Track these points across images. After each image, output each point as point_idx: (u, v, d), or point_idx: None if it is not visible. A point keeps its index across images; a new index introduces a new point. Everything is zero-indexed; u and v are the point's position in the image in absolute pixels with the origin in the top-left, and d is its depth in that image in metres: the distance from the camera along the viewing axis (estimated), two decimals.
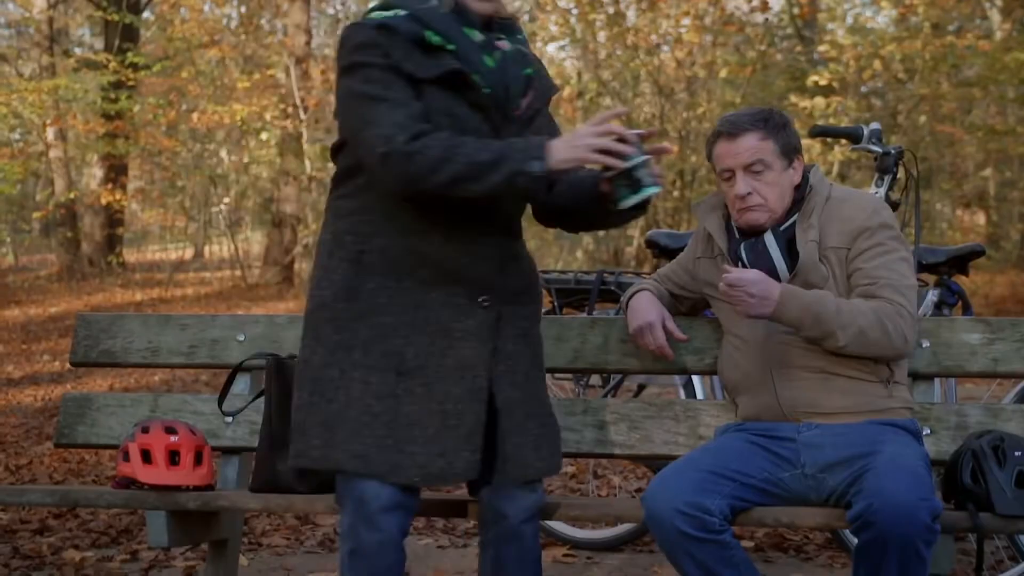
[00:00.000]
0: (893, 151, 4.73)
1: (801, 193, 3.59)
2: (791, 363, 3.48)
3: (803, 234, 3.53)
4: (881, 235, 3.51)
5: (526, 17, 20.61)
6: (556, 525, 5.18)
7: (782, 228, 3.56)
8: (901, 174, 4.80)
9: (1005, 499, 3.26)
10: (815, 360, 3.46)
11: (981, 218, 22.22)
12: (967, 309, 4.68)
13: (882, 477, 3.15)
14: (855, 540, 4.31)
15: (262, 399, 3.88)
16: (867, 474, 3.21)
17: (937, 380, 4.25)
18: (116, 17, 20.16)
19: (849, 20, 21.71)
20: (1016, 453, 3.32)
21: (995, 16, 20.29)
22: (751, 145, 3.51)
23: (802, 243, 3.52)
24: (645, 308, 3.76)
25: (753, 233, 3.57)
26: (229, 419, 4.04)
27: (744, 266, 3.54)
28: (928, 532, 3.08)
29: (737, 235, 3.62)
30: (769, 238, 3.55)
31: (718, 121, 3.62)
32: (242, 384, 4.13)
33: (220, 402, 4.00)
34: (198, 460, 3.75)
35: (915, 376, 3.80)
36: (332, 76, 21.31)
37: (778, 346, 3.49)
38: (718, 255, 3.64)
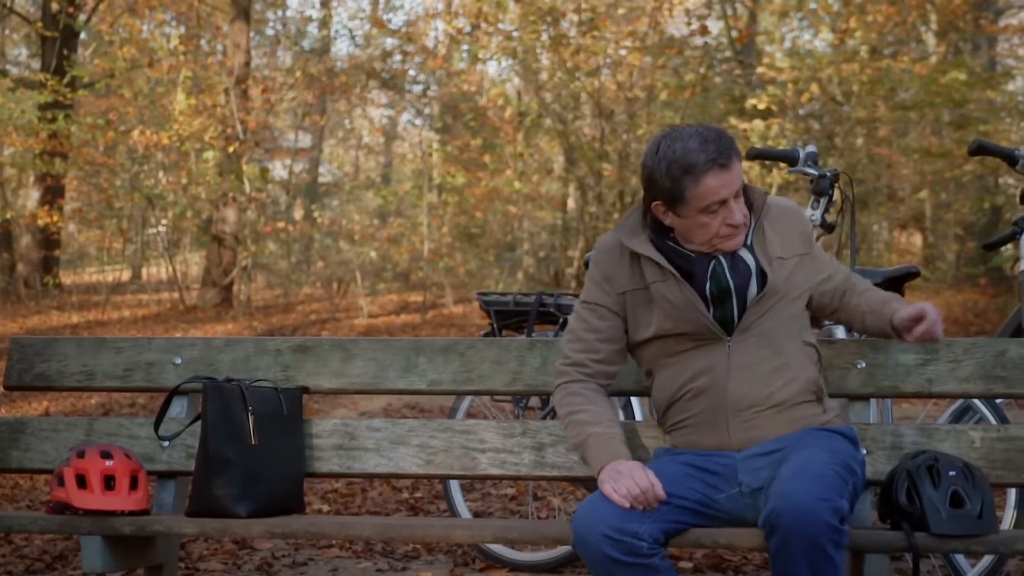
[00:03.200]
0: (829, 173, 4.77)
1: (748, 206, 3.56)
2: (749, 404, 3.44)
3: (762, 247, 3.51)
4: (811, 234, 3.67)
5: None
6: (495, 547, 5.17)
7: (748, 243, 3.53)
8: (837, 196, 4.85)
9: (940, 519, 3.29)
10: (771, 395, 3.44)
11: (918, 239, 22.47)
12: None
13: (786, 481, 3.16)
14: None
15: (199, 423, 3.85)
16: (774, 480, 3.24)
17: (873, 400, 4.29)
18: (62, 21, 19.97)
19: (787, 44, 21.93)
20: (950, 473, 3.35)
21: (930, 39, 20.56)
22: (739, 171, 3.43)
23: (766, 260, 3.50)
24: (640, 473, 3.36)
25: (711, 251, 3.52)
26: (165, 443, 4.01)
27: (722, 282, 3.46)
28: (833, 532, 3.08)
29: (692, 254, 3.49)
30: (745, 253, 3.50)
31: (689, 151, 3.36)
32: (178, 407, 4.10)
33: (156, 426, 3.96)
34: (133, 485, 3.72)
35: (850, 397, 3.82)
36: (272, 97, 21.32)
37: (739, 387, 3.45)
38: (669, 277, 3.48)
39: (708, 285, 3.47)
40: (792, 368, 3.48)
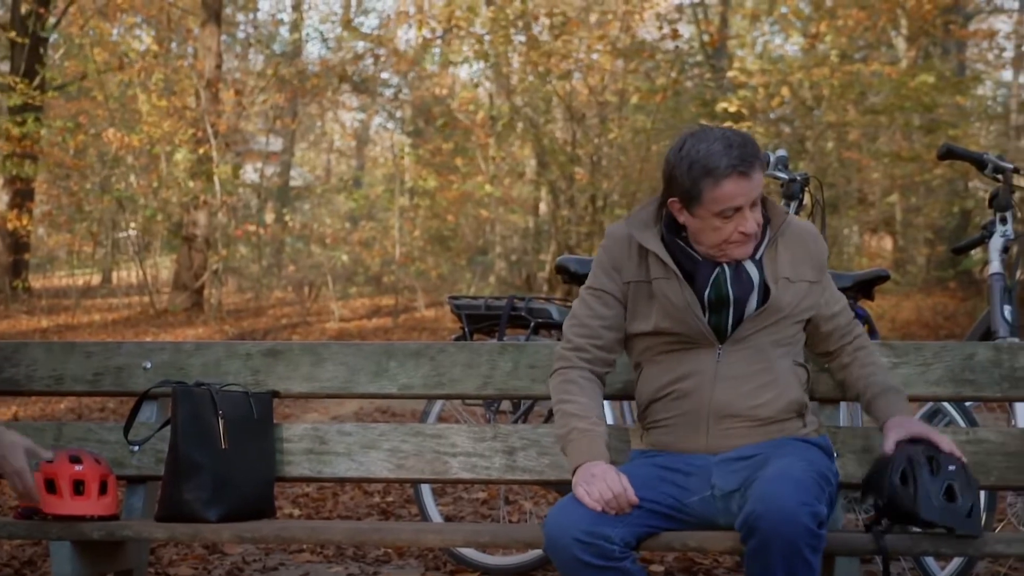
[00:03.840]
0: (799, 177, 4.79)
1: (764, 219, 3.53)
2: (731, 413, 3.44)
3: (771, 265, 3.50)
4: (826, 262, 3.64)
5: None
6: (466, 551, 5.17)
7: (758, 257, 3.51)
8: (807, 200, 4.87)
9: (931, 506, 3.27)
10: (754, 409, 3.45)
11: (888, 243, 22.56)
12: (872, 333, 4.74)
13: (766, 483, 3.17)
14: None
15: (169, 427, 3.84)
16: (754, 483, 3.24)
17: (843, 404, 4.30)
18: (31, 26, 19.86)
19: (758, 48, 22.00)
20: (950, 468, 3.34)
21: (900, 43, 20.65)
22: (760, 180, 3.41)
23: (772, 278, 3.48)
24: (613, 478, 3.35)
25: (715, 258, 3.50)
26: (135, 448, 3.99)
27: (722, 290, 3.45)
28: (811, 536, 3.09)
29: (698, 256, 3.49)
30: (751, 267, 3.48)
31: (710, 153, 3.35)
32: (148, 412, 4.08)
33: (126, 431, 3.95)
34: (103, 490, 3.70)
35: (821, 400, 3.84)
36: (243, 100, 21.26)
37: (723, 395, 3.46)
38: (672, 276, 3.49)
39: (708, 291, 3.47)
40: (779, 386, 3.48)
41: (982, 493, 4.36)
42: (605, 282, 3.59)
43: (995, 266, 4.66)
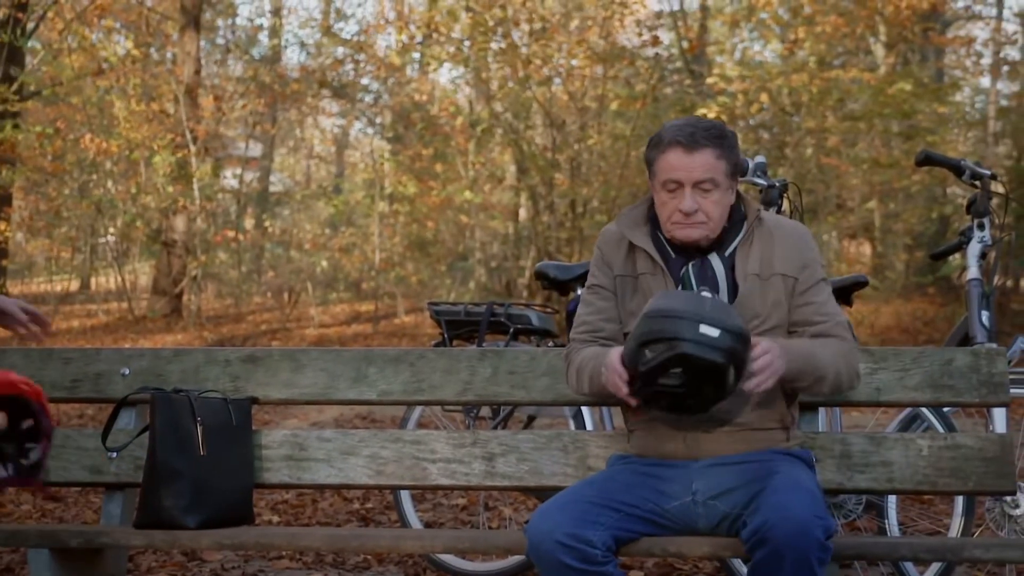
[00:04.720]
0: (777, 184, 4.80)
1: (739, 216, 3.56)
2: (710, 417, 3.41)
3: (743, 262, 3.50)
4: (819, 269, 3.57)
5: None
6: (446, 558, 5.16)
7: (727, 253, 3.52)
8: (786, 206, 4.88)
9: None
10: (735, 416, 3.43)
11: (867, 249, 22.61)
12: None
13: (780, 494, 3.17)
14: (743, 570, 4.35)
15: (147, 434, 3.82)
16: (764, 492, 3.23)
17: (822, 409, 4.31)
18: (7, 34, 19.79)
19: (737, 54, 22.04)
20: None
21: (879, 50, 20.71)
22: (707, 162, 3.43)
23: (742, 275, 3.49)
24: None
25: (689, 250, 3.52)
26: (113, 454, 3.98)
27: (689, 286, 3.48)
28: (821, 550, 3.10)
29: (672, 253, 3.54)
30: (716, 261, 3.51)
31: (669, 127, 3.49)
32: (126, 419, 4.07)
33: (104, 437, 3.93)
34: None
35: (800, 406, 3.84)
36: (223, 106, 21.23)
37: None
38: (659, 272, 3.53)
39: (680, 288, 3.49)
40: (762, 394, 3.40)
41: (960, 499, 4.38)
42: (600, 277, 3.65)
43: (973, 272, 4.68)
